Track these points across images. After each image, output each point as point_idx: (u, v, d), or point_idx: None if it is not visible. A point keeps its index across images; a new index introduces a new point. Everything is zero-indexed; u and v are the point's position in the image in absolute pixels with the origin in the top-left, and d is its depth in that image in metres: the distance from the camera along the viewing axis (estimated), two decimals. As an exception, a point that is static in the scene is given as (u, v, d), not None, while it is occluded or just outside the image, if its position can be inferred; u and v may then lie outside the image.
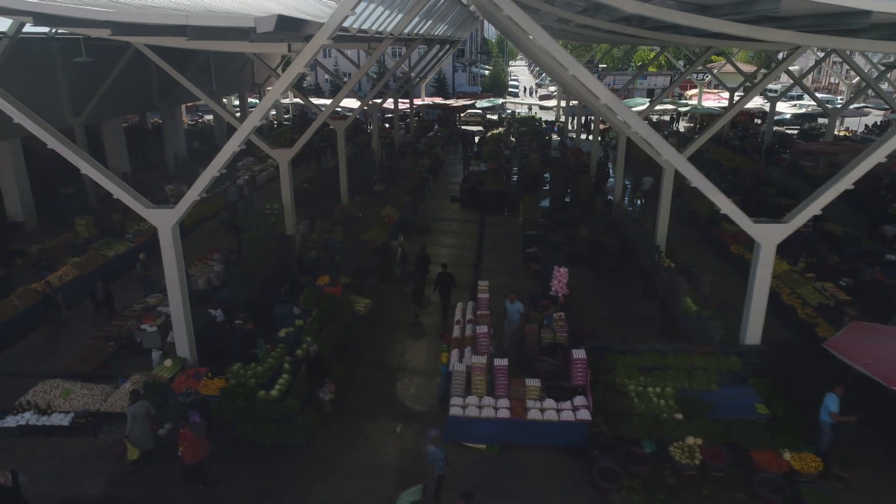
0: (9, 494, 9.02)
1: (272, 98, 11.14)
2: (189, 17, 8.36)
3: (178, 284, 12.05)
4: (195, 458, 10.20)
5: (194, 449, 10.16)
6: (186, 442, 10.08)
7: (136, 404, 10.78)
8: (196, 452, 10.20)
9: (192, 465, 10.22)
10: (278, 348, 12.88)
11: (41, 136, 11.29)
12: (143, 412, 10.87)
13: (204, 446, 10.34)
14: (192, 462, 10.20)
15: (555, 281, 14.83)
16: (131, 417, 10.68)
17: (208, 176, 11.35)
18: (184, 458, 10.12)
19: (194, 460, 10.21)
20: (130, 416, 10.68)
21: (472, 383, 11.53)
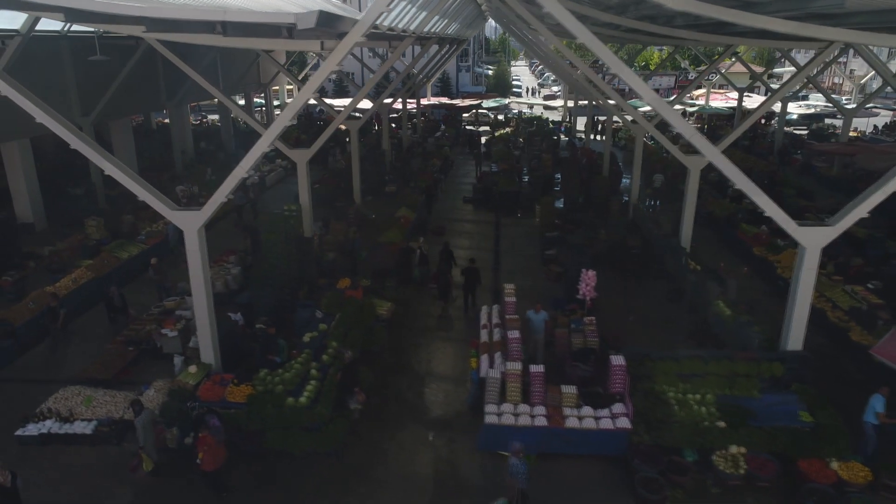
0: (6, 495, 8.85)
1: (303, 97, 10.84)
2: (227, 14, 8.05)
3: (204, 288, 11.75)
4: (215, 464, 9.93)
5: (214, 455, 9.88)
6: (206, 447, 9.78)
7: (143, 414, 10.50)
8: (216, 458, 9.92)
9: (211, 471, 9.92)
10: (304, 353, 12.57)
11: (64, 136, 11.00)
12: (151, 421, 10.65)
13: (223, 452, 10.06)
14: (211, 469, 9.90)
15: (582, 284, 14.53)
16: (142, 428, 10.41)
17: (236, 177, 11.04)
18: (203, 465, 9.81)
19: (214, 467, 9.92)
20: (141, 427, 10.41)
21: (507, 390, 11.23)
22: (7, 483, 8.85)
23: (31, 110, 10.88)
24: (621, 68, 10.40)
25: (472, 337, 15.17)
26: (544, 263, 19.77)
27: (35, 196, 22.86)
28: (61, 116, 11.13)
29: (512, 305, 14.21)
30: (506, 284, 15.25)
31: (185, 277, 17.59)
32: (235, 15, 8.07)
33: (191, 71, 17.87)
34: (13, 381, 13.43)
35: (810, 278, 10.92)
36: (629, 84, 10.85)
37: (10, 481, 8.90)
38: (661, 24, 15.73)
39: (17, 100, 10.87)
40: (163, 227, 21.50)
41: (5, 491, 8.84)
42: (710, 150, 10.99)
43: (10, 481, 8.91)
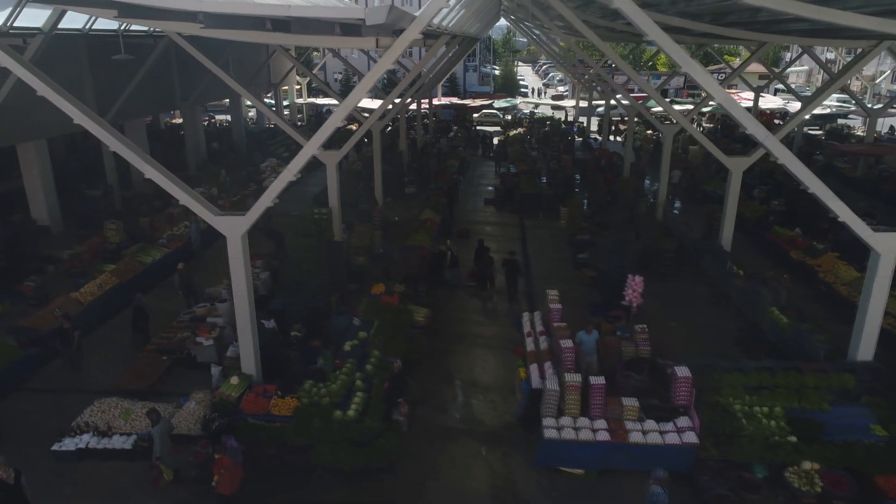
0: (10, 492, 8.61)
1: (356, 98, 10.33)
2: (292, 9, 7.59)
3: (247, 297, 11.28)
4: (232, 488, 9.40)
5: (232, 478, 9.38)
6: (223, 470, 9.25)
7: (160, 423, 10.09)
8: (233, 482, 9.41)
9: (229, 496, 9.37)
10: (348, 363, 12.11)
11: (103, 137, 10.54)
12: (168, 431, 10.27)
13: (240, 474, 9.56)
14: (228, 493, 9.36)
15: (629, 290, 14.11)
16: (159, 437, 10.01)
17: (284, 180, 10.59)
18: (219, 489, 9.30)
19: (231, 491, 9.39)
20: (158, 437, 10.00)
21: (565, 403, 10.77)
22: (10, 480, 8.59)
23: (69, 110, 10.43)
24: (693, 67, 9.96)
25: (512, 343, 14.78)
26: (576, 267, 19.33)
27: (51, 198, 22.33)
28: (97, 115, 10.64)
29: (557, 312, 13.75)
30: (548, 290, 14.78)
31: (209, 282, 17.27)
32: (301, 11, 7.60)
33: (219, 71, 17.36)
34: (42, 392, 12.94)
35: (884, 286, 10.47)
36: (700, 82, 10.42)
37: (13, 478, 8.63)
38: (708, 21, 15.30)
39: (54, 99, 10.39)
40: (184, 230, 21.03)
41: (9, 488, 8.59)
42: (783, 153, 10.53)
43: (14, 478, 8.63)
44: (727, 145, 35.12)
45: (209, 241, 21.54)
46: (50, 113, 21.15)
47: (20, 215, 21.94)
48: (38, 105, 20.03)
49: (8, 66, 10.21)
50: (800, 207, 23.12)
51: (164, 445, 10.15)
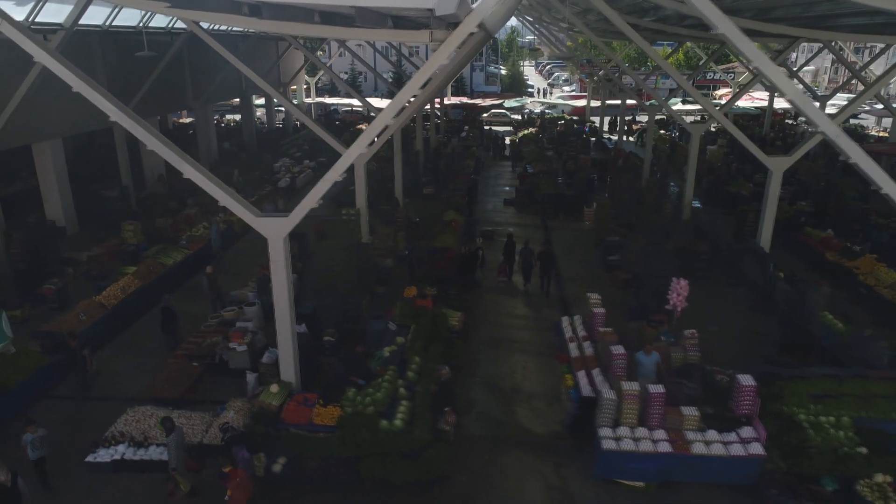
0: (7, 495, 8.54)
1: (405, 96, 9.88)
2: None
3: (287, 301, 10.84)
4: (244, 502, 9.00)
5: (245, 492, 8.97)
6: (237, 484, 8.82)
7: (175, 433, 9.68)
8: (247, 495, 9.01)
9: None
10: (390, 370, 11.67)
11: (141, 136, 10.09)
12: (182, 441, 9.85)
13: (251, 488, 9.16)
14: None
15: (673, 293, 13.69)
16: (175, 448, 9.59)
17: (329, 180, 10.14)
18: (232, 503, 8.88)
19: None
20: (175, 447, 9.59)
21: (622, 412, 10.34)
22: (7, 483, 8.50)
23: (106, 108, 10.00)
24: (764, 62, 9.54)
25: (551, 348, 14.37)
26: (607, 270, 18.91)
27: (67, 199, 21.88)
28: (134, 114, 10.21)
29: (601, 317, 13.32)
30: (589, 294, 14.36)
31: (230, 285, 16.81)
32: (365, 0, 7.17)
33: (243, 67, 16.91)
34: (69, 399, 12.47)
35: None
36: (773, 80, 10.00)
37: (10, 481, 8.53)
38: (750, 17, 14.90)
39: (91, 96, 9.97)
40: (203, 231, 20.60)
41: (6, 491, 8.50)
42: (856, 153, 10.07)
43: (11, 481, 8.54)
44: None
45: (228, 242, 21.17)
46: (66, 112, 21.13)
47: (35, 216, 21.45)
48: (54, 104, 19.91)
49: (44, 61, 9.77)
50: (830, 208, 22.76)
51: (179, 456, 9.71)
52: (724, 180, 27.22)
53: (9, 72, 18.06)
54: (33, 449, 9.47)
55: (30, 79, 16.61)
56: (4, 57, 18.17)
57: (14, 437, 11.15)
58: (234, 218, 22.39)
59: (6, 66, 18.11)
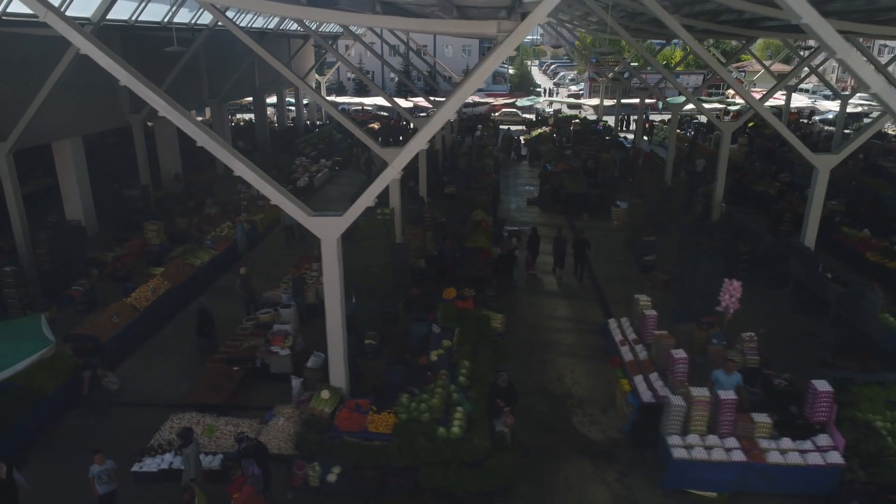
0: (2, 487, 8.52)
1: (471, 88, 9.47)
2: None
3: (340, 304, 10.44)
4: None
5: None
6: (242, 496, 8.40)
7: (192, 444, 9.30)
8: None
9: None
10: (442, 375, 11.25)
11: (191, 131, 9.69)
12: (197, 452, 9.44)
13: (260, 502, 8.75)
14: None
15: (725, 295, 13.26)
16: (195, 459, 9.25)
17: (386, 178, 9.74)
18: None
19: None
20: (194, 458, 9.25)
21: (692, 419, 9.94)
22: (2, 476, 8.45)
23: (154, 102, 9.59)
24: (851, 55, 9.16)
25: (597, 351, 14.00)
26: (644, 270, 18.52)
27: (87, 198, 21.46)
28: (183, 108, 9.81)
29: (653, 319, 12.92)
30: (638, 296, 13.95)
31: (260, 287, 16.39)
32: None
33: (274, 61, 16.46)
34: (110, 405, 12.05)
35: None
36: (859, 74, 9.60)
37: (4, 472, 8.50)
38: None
39: (138, 90, 9.56)
40: (228, 231, 20.19)
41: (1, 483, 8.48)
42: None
43: (6, 473, 8.51)
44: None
45: (251, 242, 20.78)
46: (86, 109, 20.73)
47: (54, 216, 21.03)
48: (74, 101, 19.50)
49: (90, 53, 9.37)
50: (865, 207, 22.38)
51: (198, 467, 9.34)
52: (750, 179, 26.80)
53: (30, 68, 17.70)
54: (101, 482, 8.86)
55: (55, 75, 16.23)
56: (27, 53, 17.85)
57: (57, 446, 10.80)
58: (256, 217, 22.03)
59: (28, 63, 17.74)
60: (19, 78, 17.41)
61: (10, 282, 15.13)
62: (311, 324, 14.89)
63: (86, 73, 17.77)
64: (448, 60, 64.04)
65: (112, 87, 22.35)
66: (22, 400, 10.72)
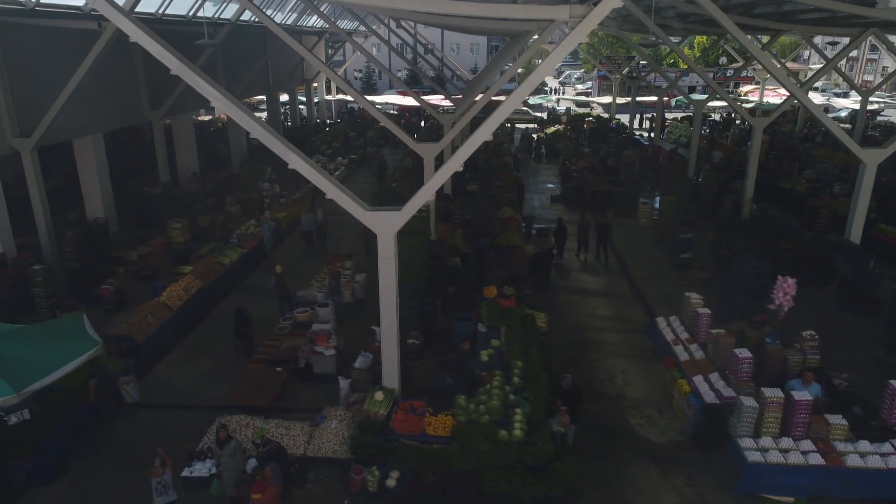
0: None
1: (537, 79, 9.10)
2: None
3: (394, 302, 10.08)
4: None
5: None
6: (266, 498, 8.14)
7: (229, 445, 8.97)
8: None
9: None
10: (497, 376, 10.89)
11: (244, 122, 9.30)
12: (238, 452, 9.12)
13: None
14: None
15: (779, 293, 12.88)
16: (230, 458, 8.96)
17: (450, 170, 9.38)
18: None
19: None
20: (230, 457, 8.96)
21: (764, 420, 9.57)
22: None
23: (208, 93, 9.21)
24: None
25: (644, 351, 13.64)
26: (680, 268, 18.16)
27: (107, 195, 21.04)
28: (237, 101, 9.44)
29: (707, 318, 12.55)
30: (689, 294, 13.57)
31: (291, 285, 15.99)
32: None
33: (315, 59, 16.18)
34: (146, 407, 11.67)
35: None
36: None
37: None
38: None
39: (191, 80, 9.20)
40: (253, 228, 19.81)
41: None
42: None
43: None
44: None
45: (278, 240, 20.40)
46: (107, 106, 20.33)
47: (74, 214, 20.65)
48: (96, 97, 19.10)
49: (141, 41, 9.00)
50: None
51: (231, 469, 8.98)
52: (775, 176, 26.43)
53: (54, 63, 17.32)
54: (158, 493, 8.55)
55: (82, 70, 15.88)
56: (53, 47, 17.49)
57: (100, 451, 10.45)
58: (280, 215, 21.64)
59: (53, 58, 17.37)
60: (44, 73, 17.03)
61: (38, 280, 14.74)
62: (346, 322, 14.56)
63: (108, 63, 17.45)
64: (456, 59, 63.65)
65: (132, 84, 22.11)
66: (64, 402, 10.34)
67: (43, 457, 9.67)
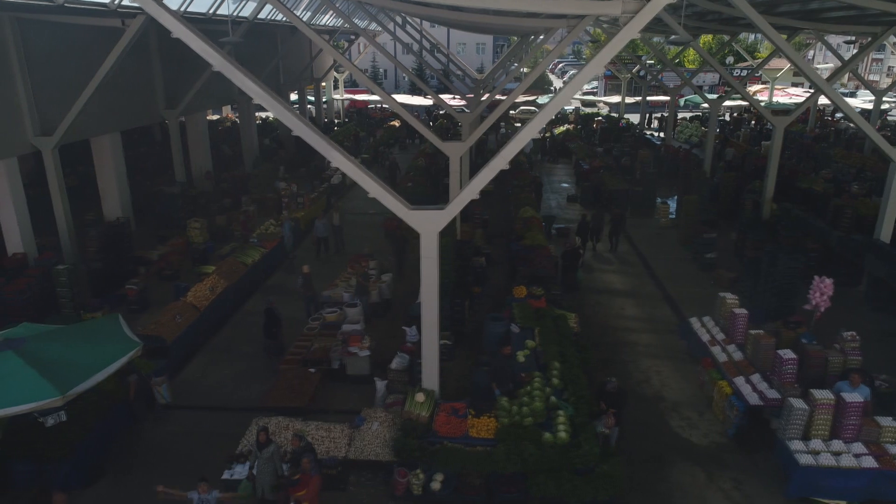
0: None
1: (588, 74, 8.96)
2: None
3: (436, 302, 9.93)
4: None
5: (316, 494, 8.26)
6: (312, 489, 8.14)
7: (268, 448, 8.81)
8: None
9: None
10: (536, 377, 10.75)
11: (288, 121, 9.14)
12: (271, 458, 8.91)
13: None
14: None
15: (816, 293, 12.77)
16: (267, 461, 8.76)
17: (496, 168, 9.24)
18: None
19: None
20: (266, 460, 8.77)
21: (814, 423, 9.44)
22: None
23: (250, 89, 9.06)
24: None
25: (676, 351, 13.52)
26: (705, 268, 18.02)
27: (125, 195, 20.87)
28: (281, 98, 9.30)
29: (744, 318, 12.41)
30: (724, 294, 13.41)
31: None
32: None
33: (341, 57, 15.93)
34: (180, 409, 11.52)
35: None
36: None
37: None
38: None
39: (233, 76, 9.04)
40: (272, 229, 19.66)
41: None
42: None
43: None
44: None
45: (298, 240, 20.28)
46: (125, 104, 20.18)
47: (92, 214, 20.53)
48: (115, 95, 18.94)
49: (183, 37, 8.84)
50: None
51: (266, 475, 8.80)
52: (792, 176, 26.28)
53: (75, 61, 17.19)
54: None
55: (104, 68, 15.75)
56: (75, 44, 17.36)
57: (137, 454, 10.30)
58: (299, 215, 21.50)
59: (74, 56, 17.24)
60: (65, 71, 16.89)
61: (62, 280, 14.60)
62: (372, 323, 14.44)
63: (124, 66, 17.29)
64: (462, 59, 63.54)
65: (149, 82, 21.97)
66: (99, 403, 10.21)
67: (81, 459, 9.54)
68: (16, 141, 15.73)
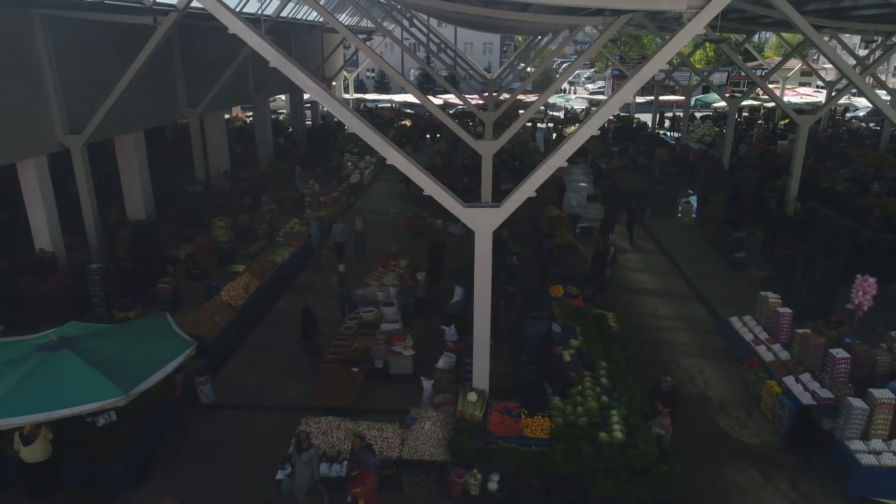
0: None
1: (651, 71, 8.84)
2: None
3: (488, 301, 9.85)
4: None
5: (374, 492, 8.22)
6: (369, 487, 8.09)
7: (308, 452, 8.72)
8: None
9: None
10: (586, 377, 10.67)
11: (342, 116, 9.06)
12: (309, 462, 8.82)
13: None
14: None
15: (858, 292, 12.71)
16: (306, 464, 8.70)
17: (552, 166, 9.15)
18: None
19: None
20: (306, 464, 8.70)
21: (874, 423, 9.36)
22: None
23: (306, 85, 8.98)
24: None
25: (715, 351, 13.45)
26: (735, 267, 17.95)
27: (148, 194, 20.74)
28: (334, 93, 9.21)
29: (787, 317, 12.34)
30: (765, 293, 13.34)
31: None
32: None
33: (377, 56, 15.83)
34: (222, 409, 11.42)
35: None
36: None
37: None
38: None
39: (289, 72, 8.95)
40: (299, 227, 19.57)
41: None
42: None
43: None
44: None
45: (324, 239, 20.17)
46: (149, 103, 20.07)
47: (115, 213, 20.44)
48: (138, 94, 18.82)
49: (240, 34, 8.77)
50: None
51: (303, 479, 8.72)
52: (813, 175, 26.23)
53: (106, 59, 17.10)
54: None
55: (135, 66, 15.65)
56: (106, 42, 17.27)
57: (183, 456, 10.22)
58: (322, 213, 21.40)
59: (104, 54, 17.15)
60: (93, 68, 16.80)
61: (95, 279, 14.51)
62: (409, 322, 14.35)
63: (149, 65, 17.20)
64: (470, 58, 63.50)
65: (171, 81, 21.86)
66: (147, 403, 10.10)
67: (132, 459, 9.45)
68: (45, 139, 15.63)
